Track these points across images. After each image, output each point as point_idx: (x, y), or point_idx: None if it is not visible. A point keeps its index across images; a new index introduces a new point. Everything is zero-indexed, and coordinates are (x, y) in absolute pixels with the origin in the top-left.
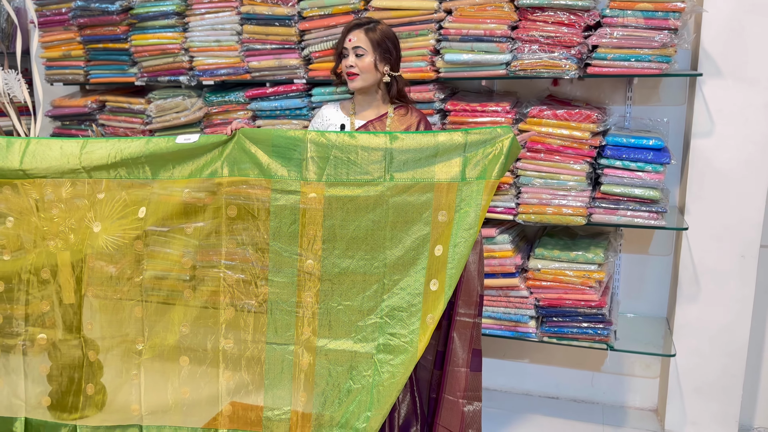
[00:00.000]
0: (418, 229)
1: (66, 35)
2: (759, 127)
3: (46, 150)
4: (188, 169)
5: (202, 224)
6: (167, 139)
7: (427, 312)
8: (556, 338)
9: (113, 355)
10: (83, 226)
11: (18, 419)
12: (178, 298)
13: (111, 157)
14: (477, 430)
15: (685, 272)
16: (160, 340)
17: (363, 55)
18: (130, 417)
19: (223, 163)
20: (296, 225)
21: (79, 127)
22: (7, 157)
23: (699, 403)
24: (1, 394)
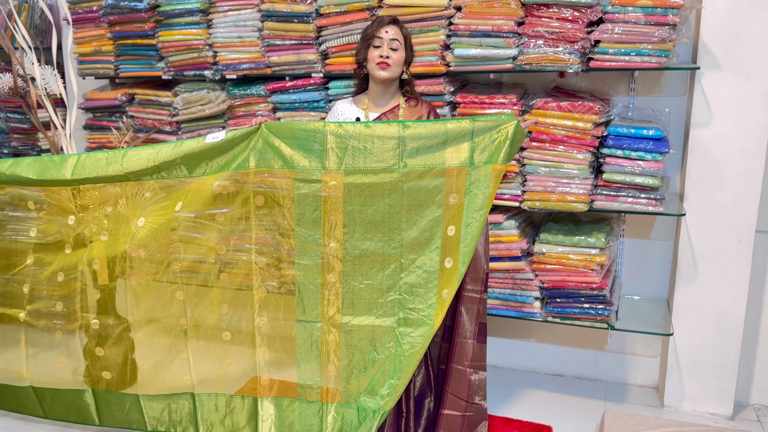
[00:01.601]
0: (431, 212)
1: (97, 32)
2: (755, 118)
3: (94, 162)
4: (219, 163)
5: (232, 212)
6: (197, 141)
7: (443, 288)
8: (559, 318)
9: (161, 334)
10: (125, 221)
11: (86, 391)
12: (215, 281)
13: (149, 161)
14: (483, 397)
15: (684, 256)
16: (202, 320)
17: (397, 50)
18: (183, 387)
19: (250, 155)
20: (319, 211)
21: (110, 118)
22: (60, 171)
23: (697, 380)
24: (65, 371)
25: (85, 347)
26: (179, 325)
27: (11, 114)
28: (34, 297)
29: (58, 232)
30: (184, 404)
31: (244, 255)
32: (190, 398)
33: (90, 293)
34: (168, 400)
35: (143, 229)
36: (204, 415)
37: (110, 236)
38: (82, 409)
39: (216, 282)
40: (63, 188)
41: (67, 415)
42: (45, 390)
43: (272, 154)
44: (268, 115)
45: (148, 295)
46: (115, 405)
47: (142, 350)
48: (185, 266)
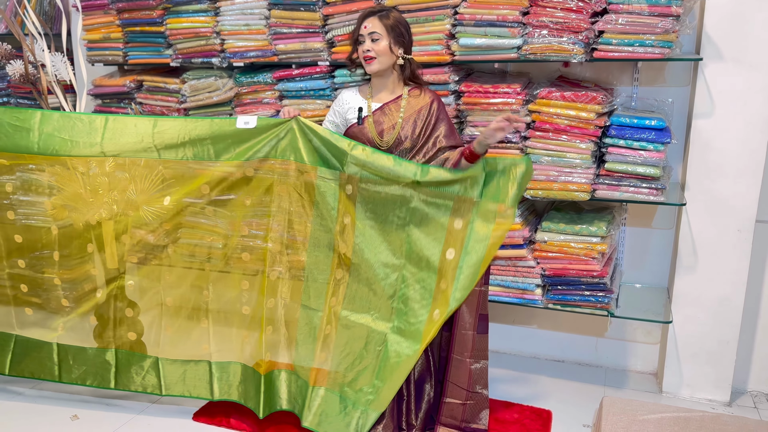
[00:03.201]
0: (435, 231)
1: (106, 18)
2: (757, 109)
3: (122, 128)
4: (247, 149)
5: (256, 198)
6: (229, 122)
7: (435, 307)
8: (560, 305)
9: (184, 306)
10: (135, 207)
11: (109, 350)
12: (237, 262)
13: (180, 137)
14: (484, 386)
15: (685, 245)
16: (222, 295)
17: (378, 40)
18: (201, 354)
19: (278, 145)
20: (335, 211)
21: (119, 104)
22: (90, 132)
23: (695, 367)
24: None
25: (95, 330)
26: (203, 299)
27: (21, 100)
28: (44, 280)
29: (69, 216)
30: (201, 371)
31: (262, 240)
32: (207, 365)
33: (99, 274)
34: (185, 366)
35: (162, 211)
36: (221, 379)
37: (119, 220)
38: (102, 370)
39: (237, 263)
40: (74, 174)
41: (84, 377)
42: (69, 347)
43: (301, 149)
44: (274, 102)
45: (183, 276)
46: (134, 367)
47: (169, 318)
48: (213, 251)
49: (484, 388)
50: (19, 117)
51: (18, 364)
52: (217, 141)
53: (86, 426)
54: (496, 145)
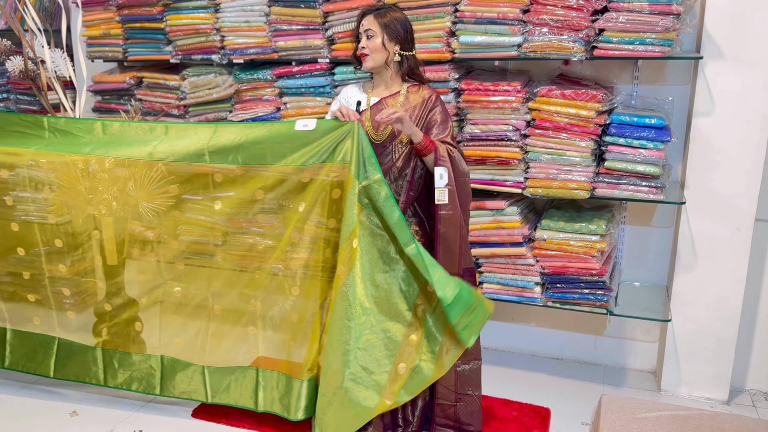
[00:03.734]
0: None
1: (106, 15)
2: (757, 108)
3: (182, 133)
4: (305, 153)
5: (309, 204)
6: (287, 125)
7: (399, 361)
8: (559, 303)
9: (232, 313)
10: (134, 204)
11: (154, 356)
12: (287, 269)
13: (235, 140)
14: (476, 387)
15: (684, 243)
16: (272, 302)
17: (373, 37)
18: (249, 362)
19: (335, 149)
20: (349, 229)
21: (119, 101)
22: (148, 140)
23: (694, 365)
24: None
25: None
26: (250, 306)
27: (21, 96)
28: (43, 277)
29: (68, 213)
30: (248, 379)
31: (310, 248)
32: (255, 374)
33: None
34: (232, 374)
35: (222, 211)
36: (266, 388)
37: (117, 217)
38: (148, 376)
39: (285, 272)
40: (74, 169)
41: (129, 382)
42: (114, 352)
43: (352, 156)
44: (274, 99)
45: (229, 278)
46: (180, 374)
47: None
48: (255, 258)
49: (476, 389)
50: (81, 128)
51: (62, 367)
52: (274, 145)
53: (85, 422)
54: (495, 144)
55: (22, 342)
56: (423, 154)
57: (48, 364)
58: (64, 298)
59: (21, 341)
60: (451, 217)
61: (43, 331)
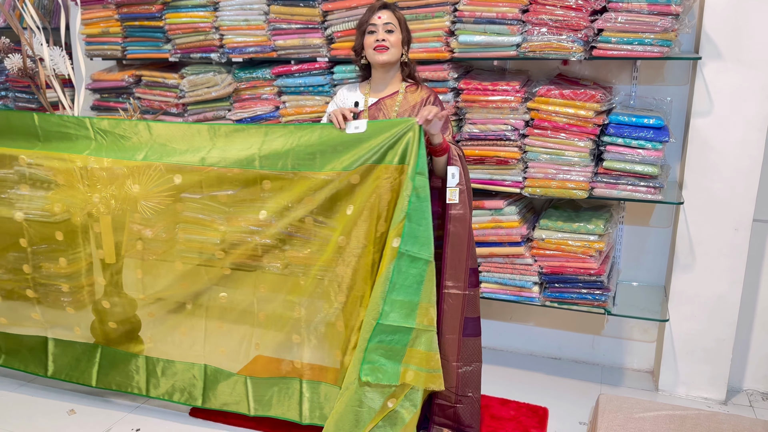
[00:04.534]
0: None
1: (105, 13)
2: (755, 108)
3: (236, 136)
4: (354, 155)
5: (358, 207)
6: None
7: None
8: (557, 303)
9: (277, 321)
10: (132, 201)
11: (197, 365)
12: (335, 275)
13: (286, 145)
14: (475, 389)
15: (682, 244)
16: (318, 310)
17: (393, 32)
18: (293, 372)
19: (388, 150)
20: (401, 219)
21: (117, 99)
22: (199, 145)
23: (691, 365)
24: (185, 342)
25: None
26: (294, 314)
27: (20, 94)
28: (41, 275)
29: (66, 210)
30: (292, 390)
31: (359, 252)
32: (299, 384)
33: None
34: (276, 385)
35: (275, 227)
36: (311, 400)
37: (116, 216)
38: (190, 386)
39: (332, 279)
40: (73, 167)
41: (171, 392)
42: (158, 360)
43: (413, 153)
44: (273, 98)
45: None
46: (222, 384)
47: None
48: (301, 263)
49: (476, 390)
50: (127, 129)
51: (105, 376)
52: (325, 149)
53: (83, 421)
54: (493, 143)
55: (65, 351)
56: (439, 154)
57: (90, 373)
58: (106, 312)
59: (63, 350)
60: (462, 217)
61: (85, 339)
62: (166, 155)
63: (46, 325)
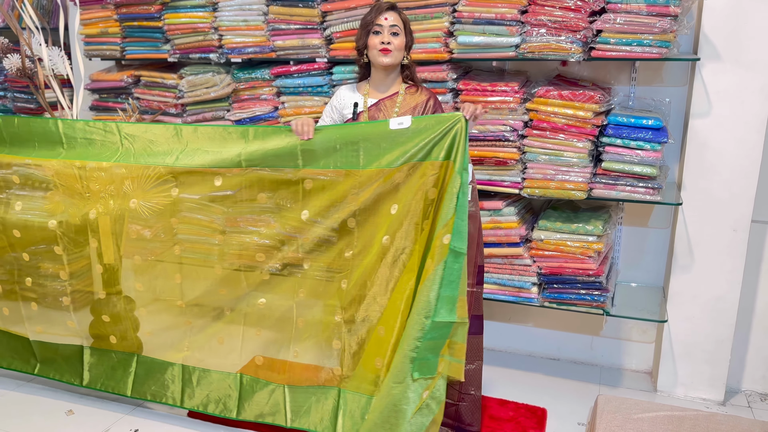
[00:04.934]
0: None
1: (103, 13)
2: (754, 109)
3: (271, 135)
4: (397, 154)
5: (403, 207)
6: (381, 124)
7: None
8: (556, 303)
9: (316, 327)
10: (152, 194)
11: (233, 374)
12: (381, 278)
13: (329, 143)
14: (477, 387)
15: (681, 244)
16: (357, 314)
17: (398, 35)
18: (333, 380)
19: (434, 146)
20: (450, 214)
21: (116, 99)
22: (235, 144)
23: (690, 366)
24: (224, 349)
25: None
26: (334, 320)
27: (18, 94)
28: (40, 275)
29: (65, 211)
30: (330, 400)
31: (406, 252)
32: (336, 394)
33: (96, 271)
34: (314, 395)
35: (317, 227)
36: (346, 413)
37: (115, 216)
38: (225, 397)
39: (378, 283)
40: (72, 169)
41: (206, 403)
42: (194, 369)
43: (459, 150)
44: (272, 98)
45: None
46: (258, 394)
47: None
48: (341, 266)
49: (477, 389)
50: (157, 134)
51: (140, 385)
52: (369, 146)
53: (81, 421)
54: (492, 144)
55: (101, 360)
56: None
57: (126, 383)
58: (138, 321)
59: (99, 359)
60: (474, 214)
61: (123, 348)
62: (198, 157)
63: (82, 333)
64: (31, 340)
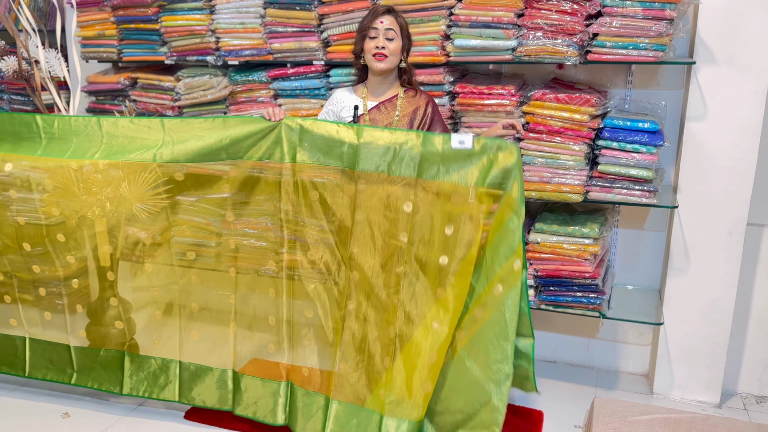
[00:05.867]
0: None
1: (101, 15)
2: (749, 113)
3: (321, 132)
4: (455, 174)
5: (453, 226)
6: (442, 139)
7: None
8: (552, 306)
9: (373, 339)
10: (128, 204)
11: (282, 382)
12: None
13: (388, 151)
14: None
15: (676, 247)
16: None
17: (393, 39)
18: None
19: (489, 171)
20: (518, 240)
21: (113, 102)
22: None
23: (686, 368)
24: (215, 348)
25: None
26: (388, 334)
27: (15, 96)
28: (35, 277)
29: (61, 214)
30: (375, 417)
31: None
32: (379, 412)
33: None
34: (358, 414)
35: (370, 233)
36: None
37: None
38: (273, 404)
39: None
40: (68, 170)
41: (255, 410)
42: (242, 376)
43: (518, 180)
44: (269, 101)
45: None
46: (304, 404)
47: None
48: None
49: None
50: (141, 126)
51: (188, 391)
52: (423, 161)
53: (78, 424)
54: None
55: (141, 366)
56: None
57: (173, 390)
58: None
59: (140, 365)
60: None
61: (163, 355)
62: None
63: (126, 337)
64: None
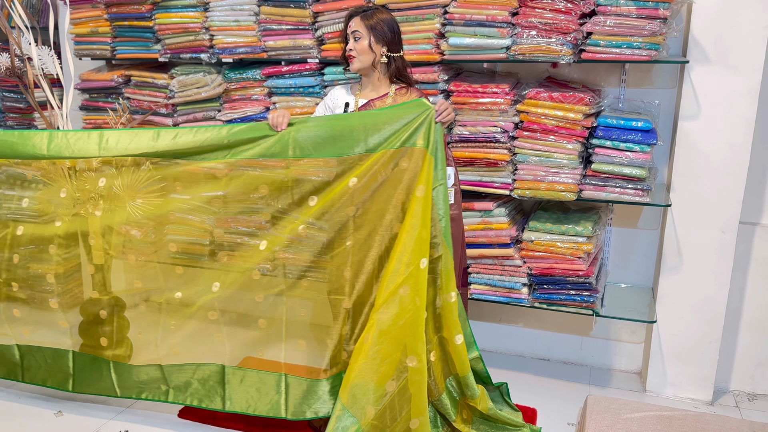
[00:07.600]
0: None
1: (94, 12)
2: (742, 112)
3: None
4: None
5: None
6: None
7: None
8: (546, 304)
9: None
10: (121, 202)
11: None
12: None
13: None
14: None
15: (669, 245)
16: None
17: (360, 39)
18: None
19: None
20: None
21: (106, 99)
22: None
23: (678, 366)
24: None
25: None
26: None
27: (7, 93)
28: (29, 276)
29: (54, 211)
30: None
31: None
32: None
33: (85, 271)
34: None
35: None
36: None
37: (105, 214)
38: (213, 392)
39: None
40: (62, 168)
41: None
42: (291, 378)
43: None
44: (263, 99)
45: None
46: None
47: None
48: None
49: None
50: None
51: (230, 399)
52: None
53: (71, 423)
54: (483, 145)
55: (133, 372)
56: None
57: (222, 399)
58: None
59: (131, 372)
60: (457, 217)
61: (114, 350)
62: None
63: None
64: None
